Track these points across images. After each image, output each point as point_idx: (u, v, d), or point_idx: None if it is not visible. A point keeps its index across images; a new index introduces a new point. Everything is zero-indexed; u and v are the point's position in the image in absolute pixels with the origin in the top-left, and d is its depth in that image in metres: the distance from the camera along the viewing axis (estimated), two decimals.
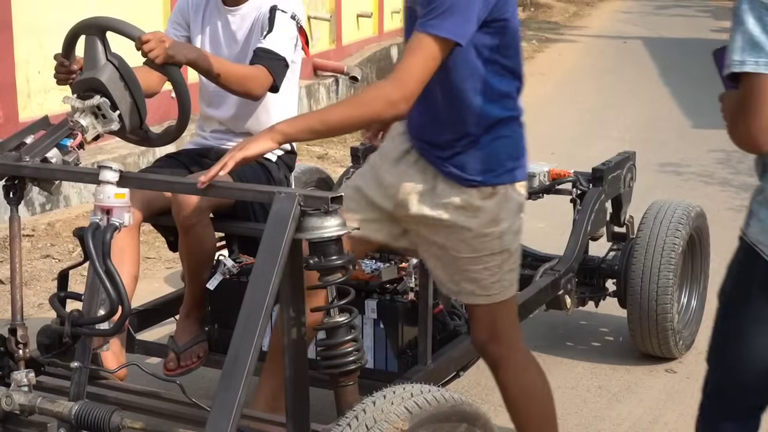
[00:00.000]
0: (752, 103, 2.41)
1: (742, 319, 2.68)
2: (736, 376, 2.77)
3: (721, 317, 2.78)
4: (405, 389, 2.69)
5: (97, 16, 3.45)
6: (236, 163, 2.81)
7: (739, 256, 2.70)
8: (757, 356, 2.69)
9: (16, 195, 3.11)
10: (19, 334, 3.01)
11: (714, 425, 2.86)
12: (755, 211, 2.64)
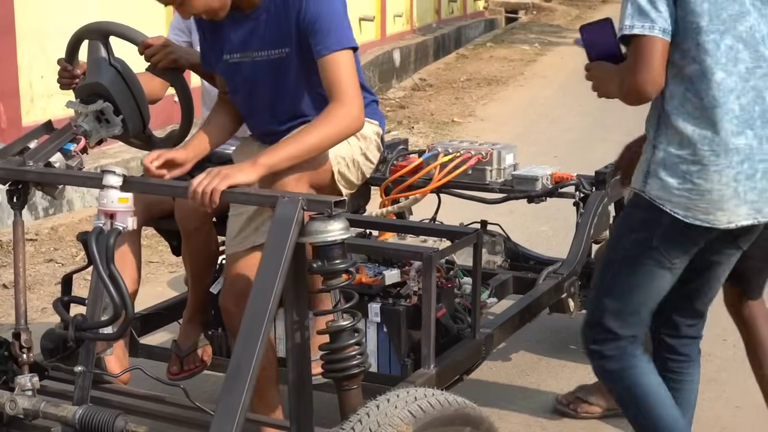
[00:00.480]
0: (641, 59, 2.86)
1: (642, 266, 3.10)
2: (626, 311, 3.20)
3: (615, 268, 3.19)
4: (409, 393, 2.69)
5: (100, 21, 3.46)
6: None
7: (639, 214, 3.08)
8: (651, 296, 3.16)
9: (20, 200, 3.11)
10: (23, 339, 3.01)
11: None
12: (654, 171, 3.00)
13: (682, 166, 2.96)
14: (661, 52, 2.87)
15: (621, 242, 3.16)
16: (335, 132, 3.15)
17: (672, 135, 2.99)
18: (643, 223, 3.07)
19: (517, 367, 4.76)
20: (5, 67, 7.13)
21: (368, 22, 13.61)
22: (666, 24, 2.86)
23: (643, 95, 2.91)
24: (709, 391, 4.52)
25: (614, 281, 3.18)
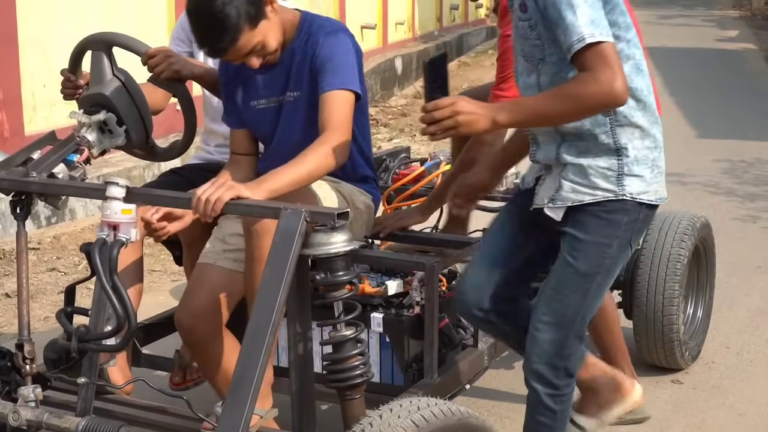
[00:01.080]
0: (611, 64, 2.81)
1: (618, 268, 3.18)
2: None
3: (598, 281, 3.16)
4: (412, 402, 2.69)
5: (104, 32, 3.47)
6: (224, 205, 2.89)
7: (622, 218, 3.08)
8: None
9: (24, 210, 3.12)
10: (26, 350, 3.01)
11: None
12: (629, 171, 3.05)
13: (649, 155, 3.08)
14: (618, 55, 2.88)
15: (605, 256, 3.10)
16: (328, 162, 3.20)
17: (632, 132, 3.04)
18: (626, 225, 3.09)
19: (519, 375, 4.71)
20: (8, 76, 7.14)
21: (370, 30, 13.62)
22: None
23: (622, 98, 2.86)
24: (712, 399, 4.53)
25: (596, 298, 3.16)
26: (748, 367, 4.88)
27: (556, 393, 3.17)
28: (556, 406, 3.18)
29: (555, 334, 3.11)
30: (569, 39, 2.85)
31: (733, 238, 6.98)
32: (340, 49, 3.37)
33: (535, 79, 3.07)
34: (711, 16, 23.96)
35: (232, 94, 3.55)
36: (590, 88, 2.82)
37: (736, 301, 5.78)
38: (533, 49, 3.04)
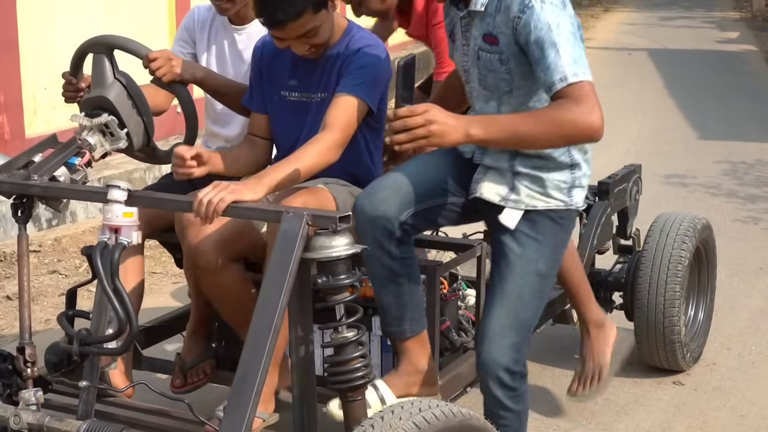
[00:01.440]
0: (594, 102, 2.87)
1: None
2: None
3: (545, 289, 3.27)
4: (413, 404, 2.70)
5: (105, 35, 3.47)
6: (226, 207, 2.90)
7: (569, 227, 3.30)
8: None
9: (25, 213, 3.12)
10: (28, 353, 3.02)
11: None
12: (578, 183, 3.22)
13: (588, 169, 3.28)
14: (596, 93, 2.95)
15: (558, 257, 3.25)
16: (324, 158, 3.24)
17: (581, 148, 3.21)
18: (569, 230, 3.28)
19: None
20: (9, 79, 7.14)
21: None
22: None
23: (600, 133, 2.91)
24: (713, 400, 4.53)
25: (546, 299, 3.29)
26: (749, 369, 4.89)
27: (515, 395, 3.21)
28: (518, 406, 3.23)
29: (516, 338, 3.15)
30: (551, 77, 2.88)
31: (735, 240, 6.98)
32: (371, 62, 3.42)
33: (495, 108, 3.17)
34: (711, 18, 23.94)
35: (262, 79, 3.60)
36: (573, 117, 2.85)
37: (737, 302, 5.78)
38: (499, 81, 3.10)
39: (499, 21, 3.01)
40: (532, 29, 2.91)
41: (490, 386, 3.17)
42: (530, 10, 2.92)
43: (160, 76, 3.46)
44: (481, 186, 3.21)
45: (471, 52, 3.15)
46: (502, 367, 3.14)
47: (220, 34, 4.03)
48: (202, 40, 4.07)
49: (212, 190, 2.88)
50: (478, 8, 3.05)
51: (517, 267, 3.14)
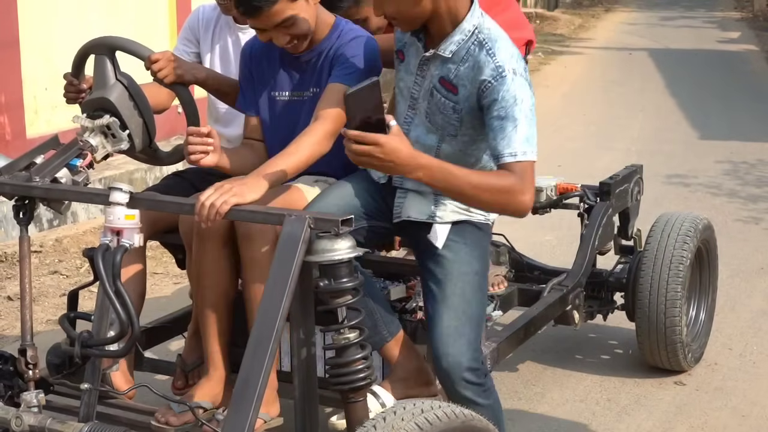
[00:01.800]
0: (530, 182, 3.01)
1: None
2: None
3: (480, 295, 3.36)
4: (415, 405, 2.69)
5: (106, 36, 3.46)
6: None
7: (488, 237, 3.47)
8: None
9: (27, 215, 3.12)
10: (29, 355, 3.02)
11: None
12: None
13: None
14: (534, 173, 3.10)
15: (485, 257, 3.36)
16: (318, 149, 3.22)
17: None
18: (488, 239, 3.44)
19: (522, 377, 4.76)
20: (9, 79, 7.14)
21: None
22: None
23: (526, 213, 3.09)
24: (715, 401, 4.53)
25: (483, 299, 3.35)
26: (751, 369, 4.88)
27: (483, 389, 3.23)
28: (488, 401, 3.25)
29: (471, 335, 3.20)
30: (503, 149, 3.01)
31: (736, 240, 6.98)
32: (362, 52, 3.40)
33: (435, 141, 3.23)
34: (713, 18, 23.95)
35: (253, 82, 3.59)
36: (511, 195, 3.00)
37: (738, 302, 5.78)
38: (447, 124, 3.20)
39: (463, 73, 3.10)
40: (498, 98, 3.02)
41: (457, 389, 3.18)
42: (502, 79, 3.02)
43: (161, 77, 3.46)
44: (406, 208, 3.32)
45: (425, 85, 3.22)
46: (464, 367, 3.16)
47: (225, 33, 4.03)
48: (206, 39, 4.07)
49: (214, 192, 2.88)
50: (447, 54, 3.13)
51: (453, 270, 3.23)
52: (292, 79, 3.53)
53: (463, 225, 3.29)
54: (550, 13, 23.87)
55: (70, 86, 3.59)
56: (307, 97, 3.51)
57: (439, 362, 3.16)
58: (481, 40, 3.08)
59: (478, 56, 3.06)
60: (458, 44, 3.11)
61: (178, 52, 4.13)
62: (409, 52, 3.26)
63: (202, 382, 3.39)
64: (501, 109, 3.01)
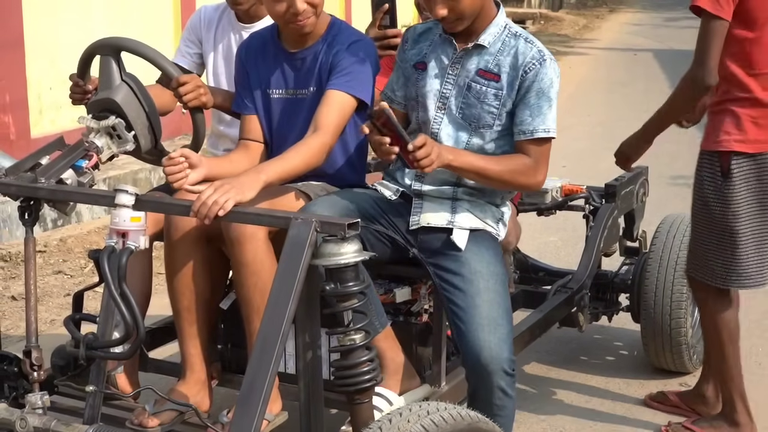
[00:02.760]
0: (546, 159, 3.35)
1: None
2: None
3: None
4: (421, 407, 2.69)
5: (112, 37, 3.46)
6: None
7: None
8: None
9: (32, 216, 3.11)
10: (34, 357, 3.01)
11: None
12: (503, 219, 3.53)
13: (509, 203, 3.61)
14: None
15: (504, 272, 3.42)
16: (313, 161, 3.27)
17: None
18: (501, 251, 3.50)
19: (527, 378, 4.76)
20: (14, 78, 7.14)
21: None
22: None
23: (539, 188, 3.46)
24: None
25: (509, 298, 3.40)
26: (756, 370, 4.87)
27: (514, 380, 3.29)
28: (514, 392, 3.31)
29: (509, 326, 3.29)
30: (536, 125, 3.29)
31: None
32: (360, 57, 3.41)
33: (466, 137, 3.37)
34: None
35: (249, 80, 3.58)
36: (527, 178, 3.32)
37: (743, 303, 5.72)
38: (485, 114, 3.35)
39: (504, 61, 3.32)
40: (539, 79, 3.29)
41: (494, 379, 3.21)
42: (544, 62, 3.30)
43: (186, 101, 3.46)
44: (424, 215, 3.41)
45: (459, 82, 3.37)
46: (504, 357, 3.22)
47: (228, 32, 4.02)
48: (209, 39, 4.06)
49: (215, 191, 2.87)
50: (486, 44, 3.35)
51: (482, 269, 3.31)
52: (287, 77, 3.52)
53: (479, 233, 3.39)
54: (554, 14, 23.86)
55: (76, 87, 3.59)
56: (305, 95, 3.50)
57: (479, 351, 3.19)
58: (514, 33, 3.36)
59: (517, 44, 3.33)
60: (494, 36, 3.35)
61: (180, 53, 4.13)
62: (435, 58, 3.41)
63: (178, 385, 3.39)
64: (540, 89, 3.29)
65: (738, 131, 3.78)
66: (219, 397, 4.04)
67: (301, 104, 3.51)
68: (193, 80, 3.49)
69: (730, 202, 3.80)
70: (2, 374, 3.13)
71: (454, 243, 3.33)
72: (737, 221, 3.81)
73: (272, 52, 3.54)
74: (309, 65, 3.48)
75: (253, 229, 3.10)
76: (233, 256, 3.17)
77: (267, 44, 3.55)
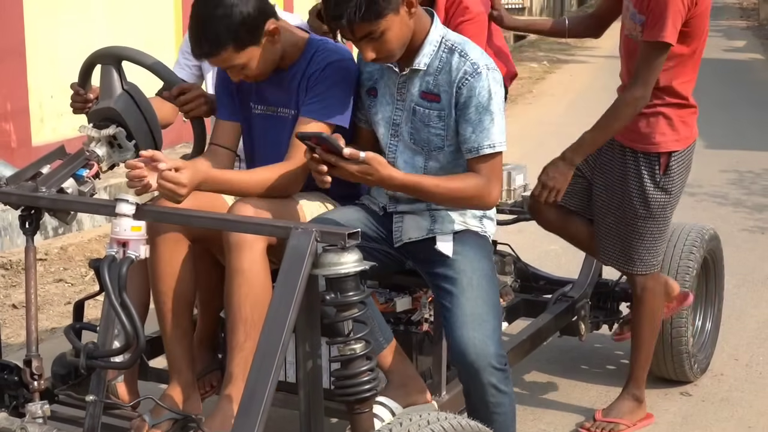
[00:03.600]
0: (498, 176, 3.28)
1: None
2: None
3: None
4: (422, 416, 2.69)
5: (113, 46, 3.46)
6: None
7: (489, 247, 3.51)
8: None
9: (32, 225, 3.12)
10: (34, 366, 3.01)
11: None
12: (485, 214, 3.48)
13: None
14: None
15: (492, 268, 3.42)
16: (277, 185, 3.26)
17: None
18: (491, 249, 3.51)
19: (527, 387, 4.75)
20: (15, 87, 7.15)
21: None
22: None
23: (493, 206, 3.39)
24: (721, 411, 4.52)
25: (497, 294, 3.41)
26: (757, 379, 4.87)
27: (506, 376, 3.25)
28: (509, 388, 3.27)
29: (495, 321, 3.26)
30: (480, 141, 3.21)
31: (742, 250, 6.97)
32: (337, 79, 3.37)
33: (422, 162, 3.34)
34: (718, 26, 23.94)
35: (230, 88, 3.54)
36: (477, 200, 3.25)
37: (744, 312, 5.77)
38: (433, 137, 3.30)
39: (441, 80, 3.25)
40: (475, 93, 3.20)
41: (483, 376, 3.18)
42: (478, 75, 3.20)
43: (187, 110, 3.46)
44: (405, 231, 3.40)
45: (406, 107, 3.33)
46: (491, 352, 3.18)
47: None
48: None
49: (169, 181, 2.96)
50: (422, 67, 3.27)
51: (466, 268, 3.30)
52: (265, 94, 3.49)
53: (463, 234, 3.36)
54: None
55: (77, 96, 3.60)
56: (285, 115, 3.47)
57: (465, 348, 3.17)
58: (450, 47, 3.26)
59: (452, 60, 3.24)
60: (430, 55, 3.27)
61: (179, 65, 4.13)
62: (383, 84, 3.37)
63: (169, 390, 3.39)
64: (478, 104, 3.20)
65: (672, 132, 4.07)
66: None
67: (283, 122, 3.48)
68: (194, 89, 3.49)
69: (671, 194, 4.13)
70: (2, 383, 3.12)
71: (439, 251, 3.31)
72: (672, 209, 4.19)
73: None
74: (288, 86, 3.45)
75: (253, 237, 3.10)
76: (229, 263, 3.17)
77: None
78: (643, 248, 4.15)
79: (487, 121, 3.20)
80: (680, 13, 3.81)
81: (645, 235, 4.14)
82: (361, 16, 3.03)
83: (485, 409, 3.20)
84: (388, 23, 3.09)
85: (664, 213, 4.15)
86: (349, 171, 2.99)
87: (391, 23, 3.10)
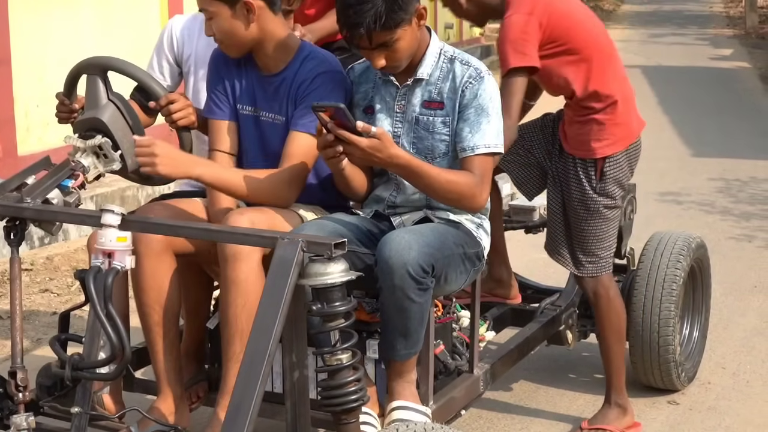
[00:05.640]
0: (488, 179, 3.38)
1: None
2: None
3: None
4: (408, 427, 2.68)
5: (99, 56, 3.46)
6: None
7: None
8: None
9: (17, 236, 3.10)
10: (19, 377, 3.00)
11: None
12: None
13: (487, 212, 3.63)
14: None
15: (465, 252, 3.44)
16: (268, 194, 3.32)
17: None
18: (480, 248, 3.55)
19: (515, 396, 4.75)
20: (1, 96, 7.12)
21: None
22: None
23: (481, 209, 3.46)
24: (708, 420, 4.52)
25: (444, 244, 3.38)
26: (744, 388, 4.87)
27: (421, 287, 3.18)
28: (422, 299, 3.22)
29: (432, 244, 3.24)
30: (476, 141, 3.33)
31: (729, 258, 6.98)
32: (325, 92, 3.39)
33: None
34: (705, 35, 24.02)
35: (223, 86, 3.56)
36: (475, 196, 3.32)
37: (731, 321, 5.77)
38: (438, 143, 3.40)
39: (444, 88, 3.39)
40: (477, 95, 3.34)
41: (394, 277, 3.12)
42: (481, 79, 3.36)
43: (176, 119, 3.46)
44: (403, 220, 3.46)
45: (407, 118, 3.43)
46: (412, 260, 3.12)
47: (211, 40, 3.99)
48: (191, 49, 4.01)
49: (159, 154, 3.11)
50: (425, 76, 3.41)
51: (437, 225, 3.39)
52: (254, 95, 3.52)
53: (456, 223, 3.45)
54: None
55: (62, 106, 3.59)
56: (279, 121, 3.48)
57: (388, 244, 3.14)
58: (450, 57, 3.42)
59: (454, 68, 3.39)
60: (431, 66, 3.41)
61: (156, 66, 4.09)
62: (380, 100, 3.46)
63: (156, 402, 3.37)
64: (478, 105, 3.34)
65: (607, 136, 4.12)
66: (207, 417, 4.03)
67: (275, 129, 3.49)
68: (181, 99, 3.49)
69: (611, 196, 4.18)
70: None
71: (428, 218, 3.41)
72: (614, 211, 4.24)
73: (243, 67, 3.53)
74: (277, 91, 3.47)
75: (249, 249, 3.09)
76: (225, 274, 3.16)
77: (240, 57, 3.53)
78: (587, 249, 4.19)
79: (485, 122, 3.33)
80: (521, 38, 3.84)
81: (588, 237, 4.18)
82: (381, 25, 3.16)
83: (390, 311, 3.19)
84: (402, 33, 3.25)
85: (605, 215, 4.19)
86: (361, 146, 3.06)
87: (405, 33, 3.26)
